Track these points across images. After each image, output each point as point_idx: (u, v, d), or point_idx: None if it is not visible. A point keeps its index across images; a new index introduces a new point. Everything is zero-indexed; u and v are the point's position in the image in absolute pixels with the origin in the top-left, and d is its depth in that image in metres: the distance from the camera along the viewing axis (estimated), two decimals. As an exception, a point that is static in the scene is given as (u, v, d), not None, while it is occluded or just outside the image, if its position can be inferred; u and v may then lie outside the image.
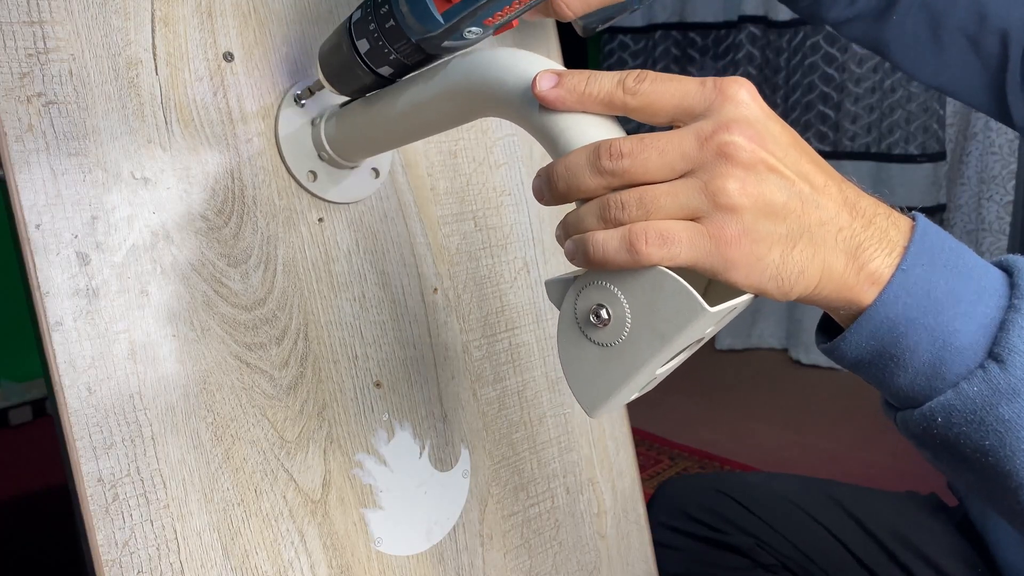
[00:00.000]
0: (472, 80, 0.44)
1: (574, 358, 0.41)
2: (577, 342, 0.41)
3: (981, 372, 0.37)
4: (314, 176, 0.57)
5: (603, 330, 0.39)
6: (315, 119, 0.56)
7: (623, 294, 0.38)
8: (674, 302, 0.37)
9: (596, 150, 0.38)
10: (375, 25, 0.45)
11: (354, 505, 0.57)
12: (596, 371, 0.40)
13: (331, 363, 0.57)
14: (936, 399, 0.38)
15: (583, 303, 0.40)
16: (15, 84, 0.46)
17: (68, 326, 0.46)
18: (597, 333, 0.40)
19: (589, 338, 0.40)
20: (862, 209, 0.38)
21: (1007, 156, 2.10)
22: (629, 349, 0.39)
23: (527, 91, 0.40)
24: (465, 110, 0.46)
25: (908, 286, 0.37)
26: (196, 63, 0.53)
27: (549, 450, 0.71)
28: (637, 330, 0.38)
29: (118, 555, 0.47)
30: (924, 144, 2.08)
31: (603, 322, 0.39)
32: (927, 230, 0.38)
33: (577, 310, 0.41)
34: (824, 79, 2.21)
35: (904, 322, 0.37)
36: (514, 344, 0.69)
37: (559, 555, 0.71)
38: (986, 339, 0.37)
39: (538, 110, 0.40)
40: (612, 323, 0.39)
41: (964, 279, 0.38)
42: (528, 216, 0.70)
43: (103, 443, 0.47)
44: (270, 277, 0.54)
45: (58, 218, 0.47)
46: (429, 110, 0.48)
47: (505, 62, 0.42)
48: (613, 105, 0.38)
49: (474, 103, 0.45)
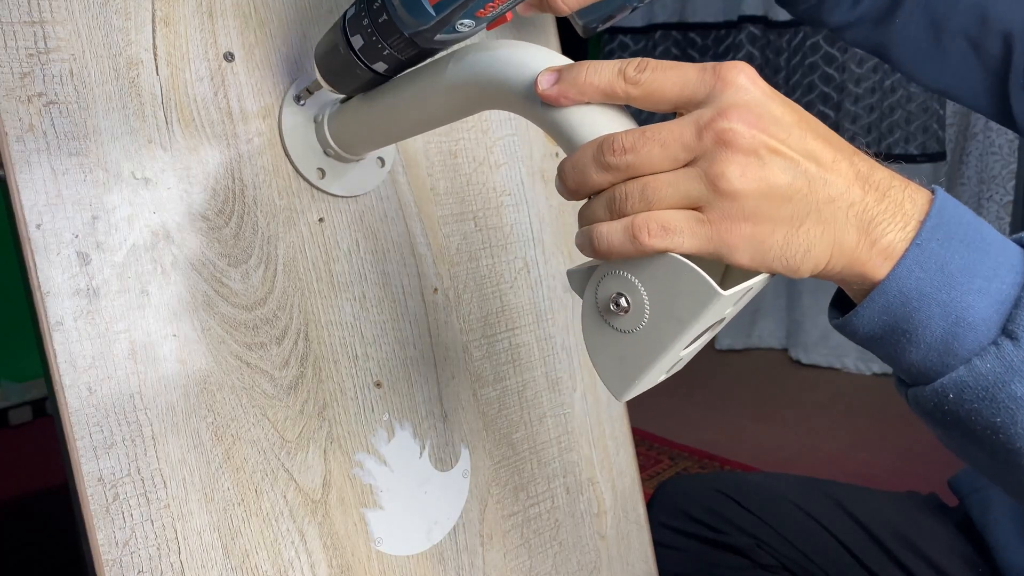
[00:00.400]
0: (478, 74, 0.44)
1: (599, 345, 0.42)
2: (600, 330, 0.42)
3: (994, 349, 0.37)
4: (322, 173, 0.57)
5: (624, 317, 0.40)
6: (317, 116, 0.56)
7: (640, 282, 0.39)
8: (689, 288, 0.37)
9: (600, 146, 0.38)
10: (368, 20, 0.45)
11: (354, 505, 0.57)
12: (621, 357, 0.41)
13: (331, 363, 0.57)
14: (948, 375, 0.38)
15: (603, 292, 0.41)
16: (16, 84, 0.46)
17: (68, 326, 0.46)
18: (618, 320, 0.41)
19: (611, 325, 0.41)
20: (875, 182, 0.38)
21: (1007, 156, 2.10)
22: (650, 335, 0.40)
23: (531, 88, 0.41)
24: (471, 103, 0.47)
25: (922, 261, 0.37)
26: (197, 63, 0.53)
27: (549, 450, 0.71)
28: (656, 316, 0.39)
29: (118, 555, 0.47)
30: (924, 144, 2.08)
31: (623, 310, 0.40)
32: (945, 204, 0.38)
33: (598, 299, 0.42)
34: (824, 79, 2.21)
35: (917, 297, 0.37)
36: (514, 344, 0.69)
37: (559, 555, 0.71)
38: (1000, 316, 0.37)
39: (542, 106, 0.41)
40: (632, 310, 0.40)
41: (980, 254, 0.37)
42: (528, 216, 0.71)
43: (103, 443, 0.47)
44: (270, 277, 0.55)
45: (58, 218, 0.47)
46: (435, 103, 0.48)
47: (510, 56, 0.43)
48: (615, 95, 0.39)
49: (480, 97, 0.45)
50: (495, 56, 0.43)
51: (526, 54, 0.42)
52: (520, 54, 0.43)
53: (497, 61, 0.43)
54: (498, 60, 0.43)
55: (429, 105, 0.48)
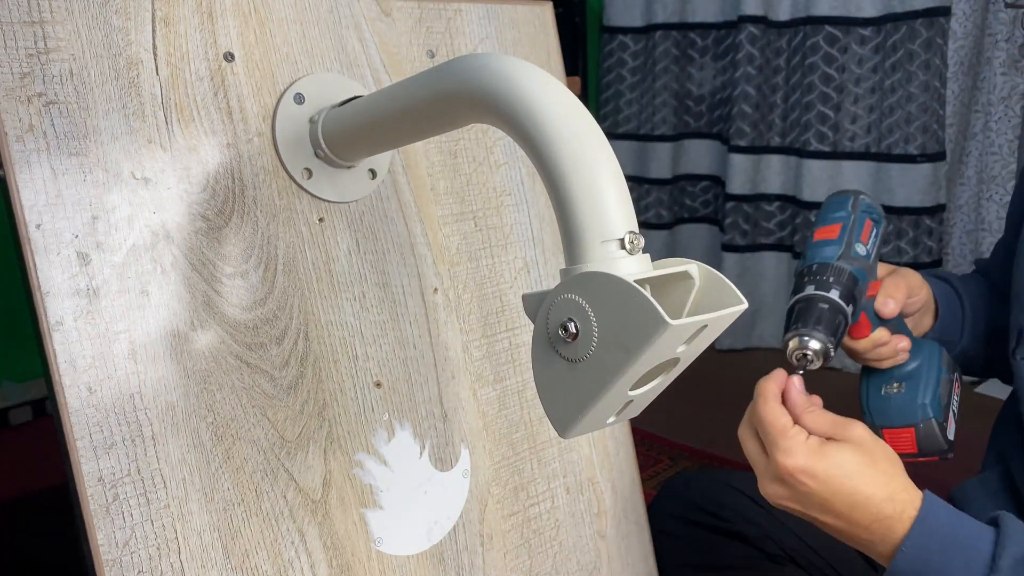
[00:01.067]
0: (463, 84, 0.44)
1: (546, 375, 0.41)
2: (548, 358, 0.41)
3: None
4: (309, 173, 0.57)
5: (572, 345, 0.39)
6: (313, 117, 0.56)
7: (591, 307, 0.38)
8: (638, 315, 0.36)
9: None
10: None
11: (354, 505, 0.57)
12: (566, 388, 0.40)
13: (331, 363, 0.57)
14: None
15: (554, 317, 0.40)
16: (16, 84, 0.46)
17: (68, 326, 0.46)
18: (566, 348, 0.39)
19: (559, 353, 0.40)
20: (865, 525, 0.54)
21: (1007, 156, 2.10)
22: (596, 364, 0.38)
23: (513, 96, 0.40)
24: (456, 115, 0.46)
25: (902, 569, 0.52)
26: (196, 63, 0.53)
27: (549, 450, 0.71)
28: (604, 344, 0.38)
29: (118, 555, 0.47)
30: (924, 144, 2.08)
31: (571, 336, 0.39)
32: (925, 517, 0.52)
33: (549, 324, 0.40)
34: (824, 79, 2.21)
35: None
36: (514, 344, 0.69)
37: (559, 555, 0.71)
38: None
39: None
40: (580, 337, 0.39)
41: (955, 553, 0.51)
42: (528, 216, 0.70)
43: (103, 443, 0.47)
44: (270, 277, 0.54)
45: (58, 218, 0.47)
46: (422, 112, 0.48)
47: (496, 68, 0.42)
48: None
49: (464, 108, 0.45)
50: (480, 68, 0.43)
51: (511, 67, 0.42)
52: (505, 67, 0.42)
53: (484, 72, 0.42)
54: (486, 71, 0.42)
55: (414, 114, 0.48)
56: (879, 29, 2.12)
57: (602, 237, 0.39)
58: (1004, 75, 2.05)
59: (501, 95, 0.41)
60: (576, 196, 0.39)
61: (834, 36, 2.19)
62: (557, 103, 0.40)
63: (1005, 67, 2.04)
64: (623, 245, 0.39)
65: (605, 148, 0.40)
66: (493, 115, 0.42)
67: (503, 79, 0.41)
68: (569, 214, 0.39)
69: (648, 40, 2.58)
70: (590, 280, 0.38)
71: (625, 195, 0.40)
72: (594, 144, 0.40)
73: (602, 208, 0.39)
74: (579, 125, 0.40)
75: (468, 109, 0.45)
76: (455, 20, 0.67)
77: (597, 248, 0.39)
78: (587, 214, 0.39)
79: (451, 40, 0.66)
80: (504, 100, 0.41)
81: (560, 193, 0.39)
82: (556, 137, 0.39)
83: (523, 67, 0.42)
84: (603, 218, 0.39)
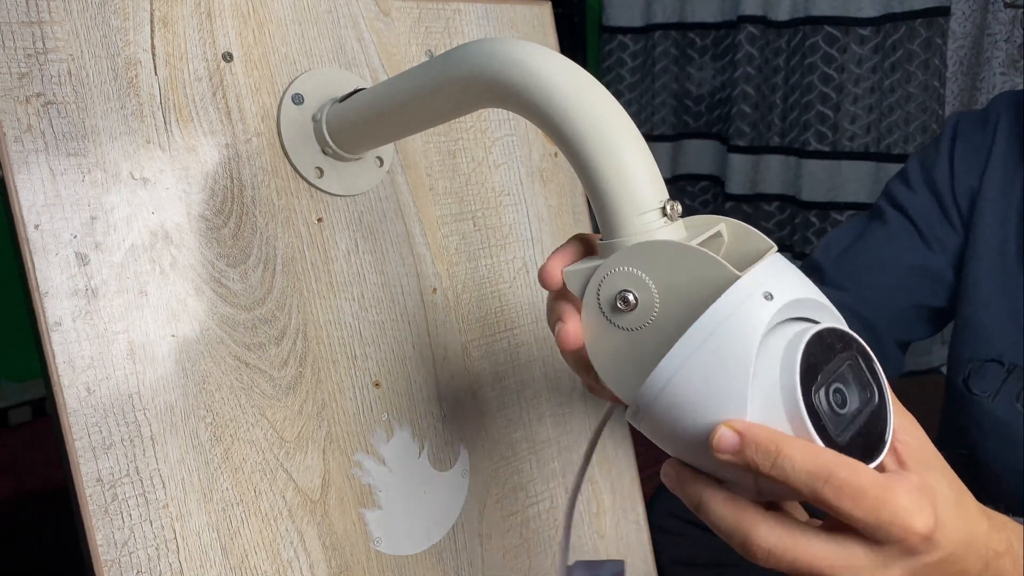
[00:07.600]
0: (473, 71, 0.44)
1: (604, 349, 0.41)
2: (604, 330, 0.41)
3: None
4: (320, 172, 0.57)
5: (630, 314, 0.39)
6: (316, 115, 0.56)
7: (649, 277, 0.39)
8: (705, 274, 0.37)
9: None
10: None
11: (353, 505, 0.57)
12: (628, 357, 0.40)
13: (330, 363, 0.57)
14: None
15: (607, 290, 0.40)
16: (14, 84, 0.46)
17: (67, 326, 0.46)
18: (623, 318, 0.40)
19: (616, 324, 0.40)
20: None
21: (1006, 156, 2.10)
22: (659, 329, 0.39)
23: (528, 81, 0.41)
24: (466, 101, 0.46)
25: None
26: (195, 63, 0.53)
27: (548, 450, 0.71)
28: (667, 308, 0.38)
29: (117, 555, 0.47)
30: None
31: (630, 306, 0.39)
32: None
33: (601, 298, 0.40)
34: (823, 79, 2.21)
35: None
36: (513, 344, 0.69)
37: (558, 555, 0.71)
38: None
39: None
40: (639, 306, 0.39)
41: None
42: (527, 216, 0.71)
43: (102, 443, 0.47)
44: (269, 277, 0.54)
45: (57, 218, 0.47)
46: (431, 101, 0.48)
47: (506, 53, 0.42)
48: (799, 493, 0.36)
49: (476, 94, 0.45)
50: (490, 53, 0.43)
51: (521, 51, 0.42)
52: (515, 51, 0.42)
53: (494, 57, 0.43)
54: (495, 57, 0.43)
55: (424, 101, 0.48)
56: (878, 29, 2.12)
57: (641, 209, 0.39)
58: (1003, 75, 2.05)
59: (516, 81, 0.42)
60: (607, 173, 0.40)
61: (833, 36, 2.19)
62: (572, 81, 0.41)
63: (1004, 67, 2.04)
64: (664, 212, 0.39)
65: (626, 118, 0.41)
66: (510, 102, 0.43)
67: (514, 64, 0.42)
68: (603, 191, 0.40)
69: (647, 40, 2.58)
70: (644, 250, 0.39)
71: (653, 163, 0.41)
72: (615, 117, 0.40)
73: (637, 181, 0.39)
74: (596, 99, 0.40)
75: (480, 96, 0.45)
76: (454, 20, 0.67)
77: (635, 220, 0.39)
78: (622, 188, 0.39)
79: (450, 40, 0.66)
80: (520, 86, 0.41)
81: (592, 172, 0.40)
82: (579, 117, 0.40)
83: (532, 49, 0.42)
84: (639, 190, 0.39)
